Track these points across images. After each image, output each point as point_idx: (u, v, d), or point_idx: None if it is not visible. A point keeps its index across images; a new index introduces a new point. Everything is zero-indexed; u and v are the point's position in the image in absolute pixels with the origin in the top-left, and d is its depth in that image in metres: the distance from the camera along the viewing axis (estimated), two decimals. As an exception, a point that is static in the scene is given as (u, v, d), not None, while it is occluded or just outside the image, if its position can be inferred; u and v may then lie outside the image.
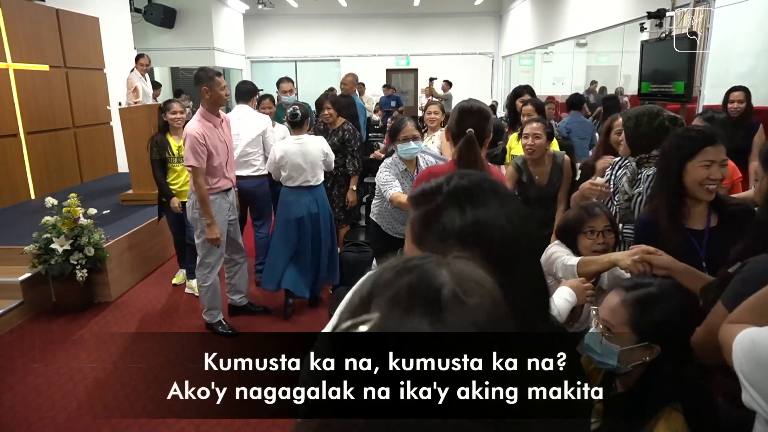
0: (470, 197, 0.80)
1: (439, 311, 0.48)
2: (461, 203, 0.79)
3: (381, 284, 0.52)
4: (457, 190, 0.81)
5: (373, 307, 0.50)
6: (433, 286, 0.50)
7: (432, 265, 0.53)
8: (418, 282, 0.50)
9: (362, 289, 0.53)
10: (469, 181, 0.83)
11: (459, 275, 0.52)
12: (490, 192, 0.81)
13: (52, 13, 6.44)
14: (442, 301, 0.49)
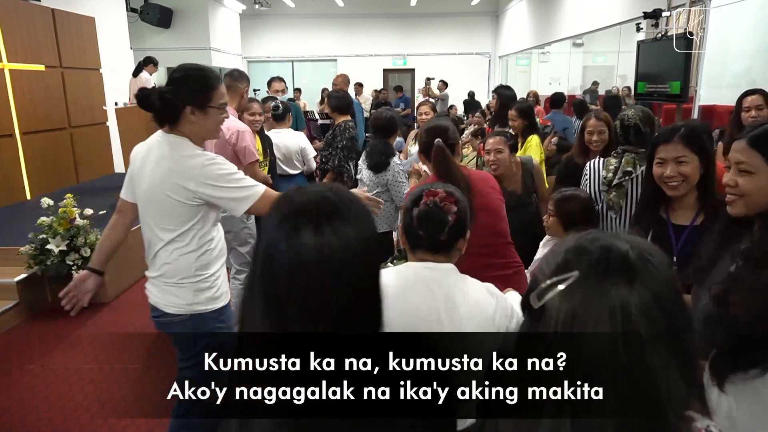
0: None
1: (632, 271, 0.59)
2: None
3: (574, 254, 0.63)
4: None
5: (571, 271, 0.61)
6: (621, 252, 0.61)
7: (610, 237, 0.65)
8: (608, 249, 0.62)
9: (555, 259, 0.65)
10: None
11: (635, 243, 0.64)
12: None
13: (48, 12, 6.41)
14: (632, 263, 0.60)
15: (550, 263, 0.65)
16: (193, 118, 1.80)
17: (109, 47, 7.73)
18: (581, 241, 0.65)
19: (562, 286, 0.59)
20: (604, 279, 0.59)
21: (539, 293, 0.60)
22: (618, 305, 0.57)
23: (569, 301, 0.59)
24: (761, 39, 6.23)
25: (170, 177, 1.80)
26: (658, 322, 0.58)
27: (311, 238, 0.67)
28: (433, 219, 1.30)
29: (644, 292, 0.58)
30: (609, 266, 0.60)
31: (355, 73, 11.77)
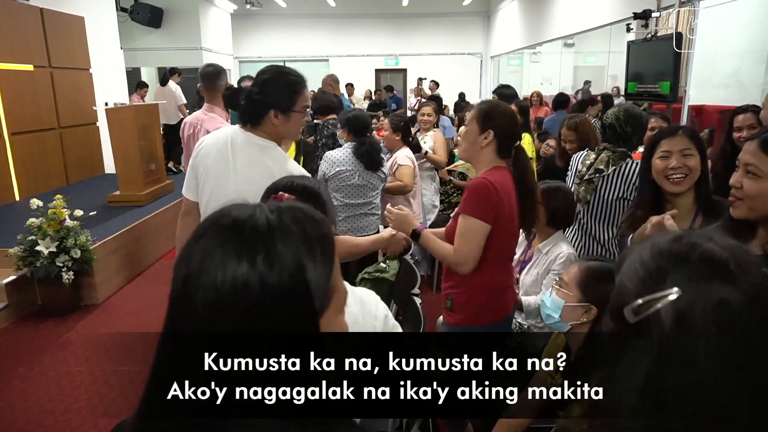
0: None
1: (733, 278, 0.57)
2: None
3: (668, 262, 0.61)
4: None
5: (668, 282, 0.59)
6: (720, 259, 0.59)
7: (703, 240, 0.62)
8: (708, 257, 0.60)
9: (645, 262, 0.62)
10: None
11: (729, 247, 0.61)
12: None
13: (37, 12, 6.35)
14: (732, 269, 0.58)
15: (640, 271, 0.62)
16: (276, 121, 1.80)
17: (99, 47, 7.66)
18: (675, 246, 0.62)
19: (660, 304, 0.57)
20: (705, 284, 0.58)
21: (635, 309, 0.58)
22: (718, 301, 0.57)
23: (672, 311, 0.57)
24: (750, 39, 6.30)
25: (265, 183, 1.74)
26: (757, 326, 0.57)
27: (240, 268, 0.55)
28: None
29: (743, 295, 0.57)
30: (709, 273, 0.59)
31: (347, 74, 11.78)
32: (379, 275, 2.79)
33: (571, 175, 2.61)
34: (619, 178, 2.39)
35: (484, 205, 1.79)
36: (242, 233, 0.56)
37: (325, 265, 0.57)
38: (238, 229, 0.57)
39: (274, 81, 1.81)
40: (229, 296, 0.54)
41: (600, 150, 2.49)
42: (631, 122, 2.42)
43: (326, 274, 0.58)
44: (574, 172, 2.57)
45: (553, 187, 2.38)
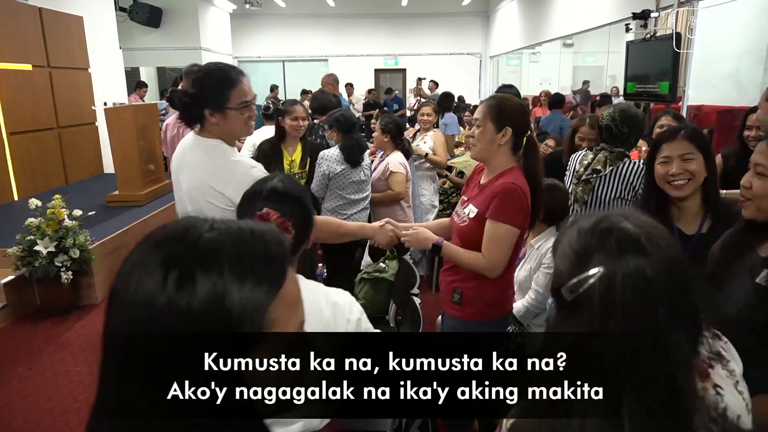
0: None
1: (644, 250, 0.66)
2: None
3: (593, 241, 0.69)
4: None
5: (593, 261, 0.67)
6: (633, 235, 0.68)
7: (620, 219, 0.70)
8: (624, 234, 0.68)
9: (572, 245, 0.70)
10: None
11: (642, 224, 0.70)
12: None
13: (35, 11, 6.34)
14: (643, 243, 0.67)
15: (569, 253, 0.70)
16: (213, 120, 1.72)
17: (98, 47, 7.65)
18: (596, 228, 0.71)
19: (591, 281, 0.66)
20: (622, 258, 0.67)
21: (571, 288, 0.67)
22: (634, 270, 0.65)
23: (599, 288, 0.66)
24: (749, 39, 6.30)
25: (209, 182, 1.71)
26: (669, 290, 0.66)
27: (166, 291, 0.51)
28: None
29: (656, 265, 0.66)
30: (625, 248, 0.67)
31: (347, 73, 11.78)
32: (378, 275, 2.79)
33: (569, 174, 2.62)
34: (617, 178, 2.40)
35: (517, 211, 1.78)
36: (166, 250, 0.54)
37: (261, 290, 0.53)
38: (164, 245, 0.55)
39: (204, 79, 1.73)
40: (140, 310, 0.52)
41: (597, 150, 2.50)
42: (627, 122, 2.42)
43: (262, 299, 0.53)
44: (572, 172, 2.59)
45: (551, 185, 2.40)
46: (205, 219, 0.57)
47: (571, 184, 2.58)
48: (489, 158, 1.88)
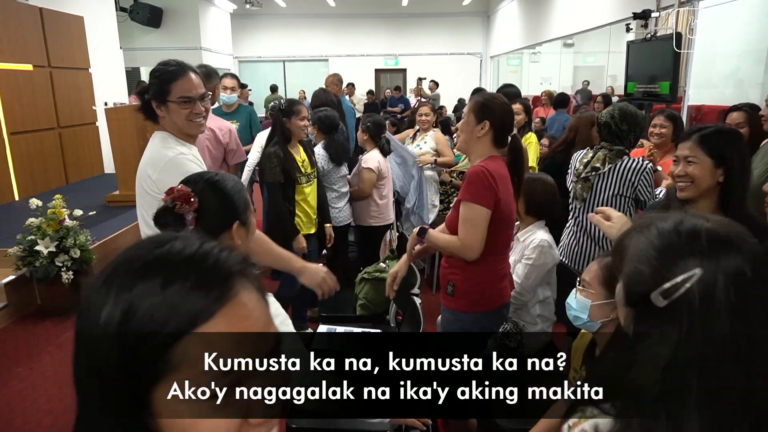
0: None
1: (738, 249, 0.65)
2: None
3: (680, 242, 0.67)
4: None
5: (684, 263, 0.64)
6: (724, 234, 0.67)
7: (700, 219, 0.68)
8: (714, 234, 0.66)
9: (657, 248, 0.67)
10: None
11: (723, 223, 0.69)
12: None
13: (36, 11, 6.34)
14: (734, 241, 0.65)
15: (652, 255, 0.67)
16: (160, 113, 1.78)
17: (99, 47, 7.66)
18: (681, 227, 0.68)
19: (688, 284, 0.63)
20: (719, 258, 0.64)
21: (663, 293, 0.64)
22: (733, 270, 0.63)
23: (698, 289, 0.63)
24: (749, 40, 6.30)
25: (145, 167, 1.77)
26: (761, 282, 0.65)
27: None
28: (165, 223, 1.21)
29: (751, 263, 0.65)
30: (719, 248, 0.65)
31: (347, 73, 11.76)
32: (379, 275, 2.79)
33: (570, 173, 2.65)
34: (616, 176, 2.44)
35: (483, 190, 1.85)
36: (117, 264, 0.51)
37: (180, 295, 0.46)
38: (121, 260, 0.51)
39: (153, 72, 1.80)
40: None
41: (597, 148, 2.53)
42: (626, 120, 2.46)
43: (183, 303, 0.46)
44: (573, 171, 2.61)
45: (533, 177, 2.46)
46: (165, 235, 0.53)
47: (571, 182, 2.61)
48: (469, 149, 1.99)
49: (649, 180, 2.42)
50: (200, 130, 1.86)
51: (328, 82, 5.84)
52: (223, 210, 1.24)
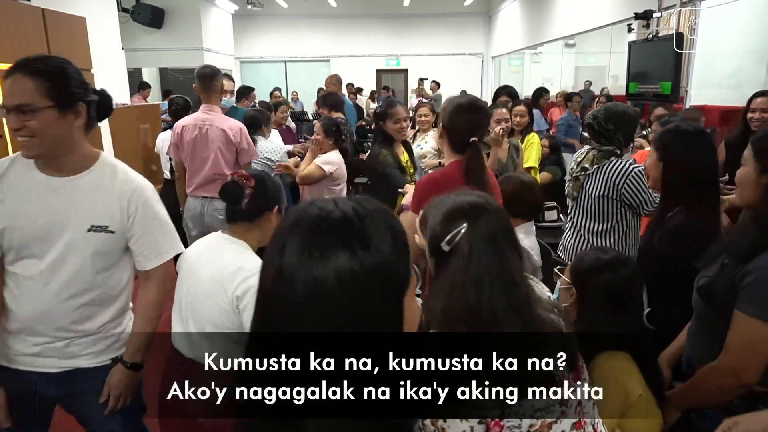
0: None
1: (490, 213, 1.07)
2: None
3: (456, 210, 1.07)
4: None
5: (458, 223, 1.03)
6: (477, 202, 1.09)
7: (467, 194, 1.12)
8: (473, 204, 1.08)
9: (444, 215, 1.06)
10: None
11: (482, 195, 1.14)
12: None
13: (38, 12, 6.35)
14: (486, 207, 1.08)
15: (437, 219, 1.06)
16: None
17: (101, 48, 7.66)
18: (452, 203, 1.07)
19: (462, 232, 1.00)
20: (477, 220, 1.02)
21: (448, 241, 1.00)
22: (489, 232, 1.01)
23: (465, 239, 1.00)
24: (751, 40, 6.29)
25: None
26: (506, 228, 1.06)
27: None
28: (231, 192, 1.65)
29: (497, 219, 1.05)
30: (477, 211, 1.04)
31: (349, 74, 11.78)
32: (379, 275, 2.79)
33: (568, 172, 2.72)
34: (601, 177, 2.40)
35: (420, 199, 1.88)
36: (333, 225, 0.60)
37: (401, 249, 0.62)
38: (329, 223, 0.60)
39: None
40: (333, 286, 0.56)
41: (589, 149, 2.55)
42: (612, 119, 2.40)
43: (406, 257, 0.63)
44: (569, 170, 2.68)
45: (506, 176, 2.50)
46: (326, 199, 0.67)
47: (568, 181, 2.66)
48: (445, 155, 2.08)
49: (637, 184, 2.31)
50: (26, 152, 1.53)
51: (327, 83, 5.87)
52: (270, 194, 1.68)
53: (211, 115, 3.23)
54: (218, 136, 3.17)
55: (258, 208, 1.66)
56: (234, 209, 1.66)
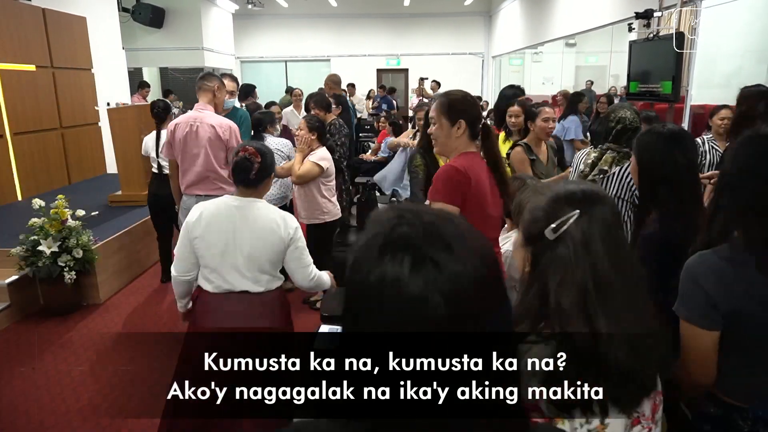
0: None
1: (603, 201, 1.01)
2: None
3: (564, 197, 0.99)
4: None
5: (568, 209, 0.96)
6: (594, 191, 1.02)
7: (575, 184, 1.04)
8: (588, 191, 1.02)
9: (549, 201, 0.98)
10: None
11: (589, 185, 1.07)
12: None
13: (39, 12, 6.36)
14: (602, 196, 1.02)
15: (541, 202, 0.98)
16: None
17: (101, 47, 7.67)
18: (563, 190, 0.99)
19: (572, 220, 0.91)
20: (591, 208, 0.94)
21: (554, 229, 0.91)
22: (601, 216, 0.94)
23: (577, 225, 0.92)
24: (751, 39, 6.29)
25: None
26: (616, 218, 0.99)
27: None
28: (243, 167, 2.04)
29: (610, 209, 0.98)
30: (591, 199, 0.96)
31: (349, 74, 11.78)
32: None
33: (573, 173, 2.63)
34: (619, 179, 2.41)
35: (449, 187, 1.85)
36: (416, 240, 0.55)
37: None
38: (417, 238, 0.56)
39: None
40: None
41: (603, 150, 2.48)
42: (641, 123, 2.45)
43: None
44: (576, 171, 2.60)
45: (513, 177, 2.37)
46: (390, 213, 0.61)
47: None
48: (449, 151, 1.98)
49: None
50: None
51: (326, 81, 5.92)
52: (269, 166, 2.10)
53: (203, 114, 3.26)
54: (207, 133, 3.19)
55: (261, 177, 2.08)
56: (245, 178, 2.06)
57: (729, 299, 1.18)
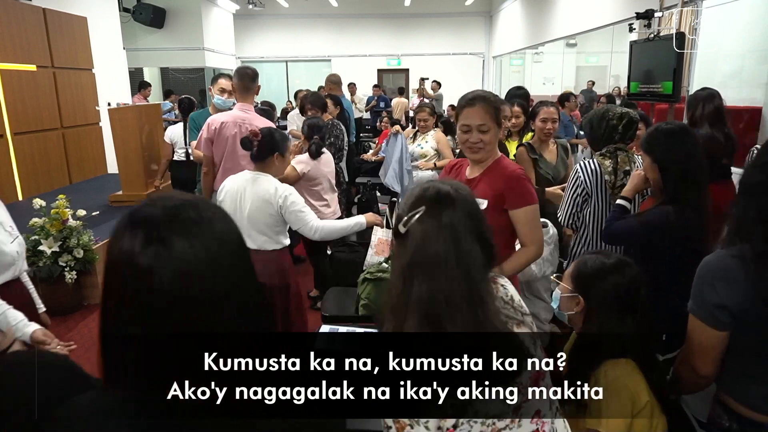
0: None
1: (452, 201, 1.08)
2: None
3: (419, 196, 1.07)
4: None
5: (413, 208, 1.05)
6: (444, 190, 1.09)
7: (439, 183, 1.13)
8: (437, 190, 1.10)
9: (408, 201, 1.08)
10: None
11: (453, 185, 1.14)
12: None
13: (39, 12, 6.37)
14: (453, 196, 1.09)
15: (406, 204, 1.06)
16: None
17: (102, 47, 7.68)
18: (422, 189, 1.08)
19: (416, 216, 1.01)
20: (438, 208, 1.02)
21: (404, 223, 1.01)
22: (448, 222, 1.01)
23: (421, 224, 1.01)
24: (752, 39, 6.28)
25: None
26: (472, 223, 1.04)
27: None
28: (245, 143, 2.47)
29: (462, 212, 1.03)
30: (439, 199, 1.03)
31: (350, 74, 11.77)
32: (381, 275, 2.79)
33: (589, 185, 2.42)
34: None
35: (532, 189, 1.93)
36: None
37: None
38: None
39: None
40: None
41: (612, 152, 2.39)
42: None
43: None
44: (593, 182, 2.41)
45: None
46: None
47: (606, 196, 2.41)
48: (489, 157, 1.94)
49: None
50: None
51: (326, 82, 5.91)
52: (271, 144, 2.48)
53: (249, 114, 3.23)
54: (231, 132, 3.18)
55: (263, 153, 2.47)
56: (251, 154, 2.48)
57: (742, 301, 1.18)
